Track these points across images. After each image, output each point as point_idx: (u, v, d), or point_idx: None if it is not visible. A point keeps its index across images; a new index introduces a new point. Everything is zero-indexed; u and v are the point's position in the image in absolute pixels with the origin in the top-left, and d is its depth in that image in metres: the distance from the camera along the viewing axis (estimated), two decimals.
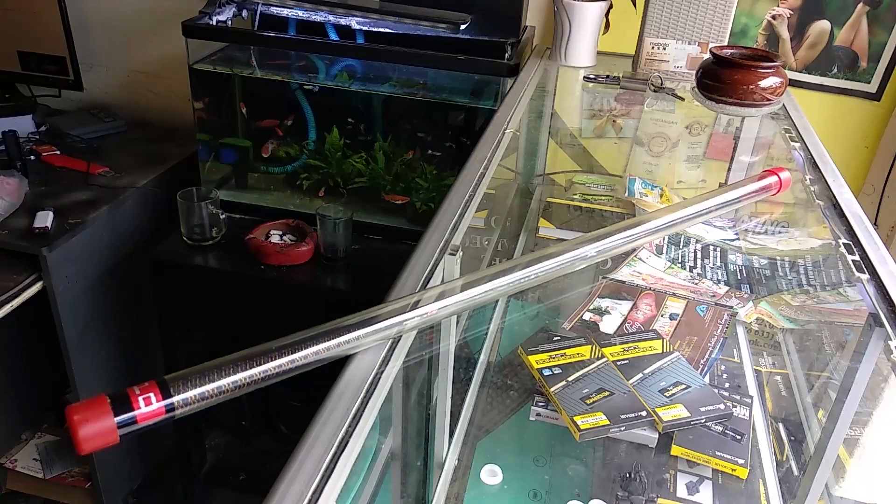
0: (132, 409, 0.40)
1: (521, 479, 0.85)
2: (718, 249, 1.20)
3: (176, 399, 0.42)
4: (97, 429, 0.39)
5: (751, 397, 0.89)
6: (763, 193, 0.84)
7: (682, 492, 0.79)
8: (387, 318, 0.52)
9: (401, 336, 0.56)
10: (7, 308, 1.30)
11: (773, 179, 0.83)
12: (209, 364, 0.44)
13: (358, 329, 0.51)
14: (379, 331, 0.52)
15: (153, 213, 1.63)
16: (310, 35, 1.43)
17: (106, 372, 1.59)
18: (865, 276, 0.70)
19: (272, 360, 0.46)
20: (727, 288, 1.09)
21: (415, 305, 0.54)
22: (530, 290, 1.10)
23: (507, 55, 1.34)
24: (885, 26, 1.44)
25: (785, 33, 1.49)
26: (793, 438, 0.94)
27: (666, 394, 0.84)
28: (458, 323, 0.85)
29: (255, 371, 0.45)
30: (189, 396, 0.42)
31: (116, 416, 0.39)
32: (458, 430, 0.91)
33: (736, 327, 1.06)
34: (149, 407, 0.40)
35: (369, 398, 0.49)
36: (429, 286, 0.61)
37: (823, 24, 1.47)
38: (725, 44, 1.21)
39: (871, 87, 1.50)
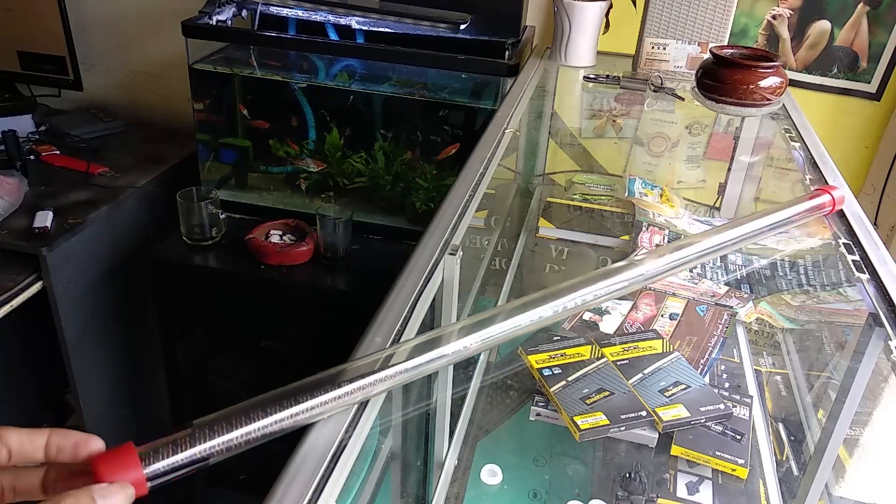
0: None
1: (521, 479, 0.84)
2: None
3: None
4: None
5: (751, 397, 0.89)
6: (814, 213, 0.79)
7: (682, 492, 0.79)
8: (351, 381, 0.47)
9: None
10: (7, 308, 1.30)
11: (825, 198, 0.78)
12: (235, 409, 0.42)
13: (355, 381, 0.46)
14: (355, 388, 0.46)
15: (153, 213, 1.63)
16: (310, 35, 1.43)
17: (106, 372, 1.59)
18: (865, 276, 0.70)
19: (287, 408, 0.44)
20: (727, 288, 1.09)
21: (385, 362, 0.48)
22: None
23: (506, 55, 1.34)
24: (886, 26, 1.44)
25: (785, 33, 1.49)
26: (793, 438, 0.94)
27: (666, 394, 0.84)
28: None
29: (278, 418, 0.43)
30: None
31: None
32: (458, 430, 0.90)
33: (736, 327, 1.06)
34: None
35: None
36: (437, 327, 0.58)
37: (823, 24, 1.47)
38: (725, 44, 1.21)
39: (871, 87, 1.50)
